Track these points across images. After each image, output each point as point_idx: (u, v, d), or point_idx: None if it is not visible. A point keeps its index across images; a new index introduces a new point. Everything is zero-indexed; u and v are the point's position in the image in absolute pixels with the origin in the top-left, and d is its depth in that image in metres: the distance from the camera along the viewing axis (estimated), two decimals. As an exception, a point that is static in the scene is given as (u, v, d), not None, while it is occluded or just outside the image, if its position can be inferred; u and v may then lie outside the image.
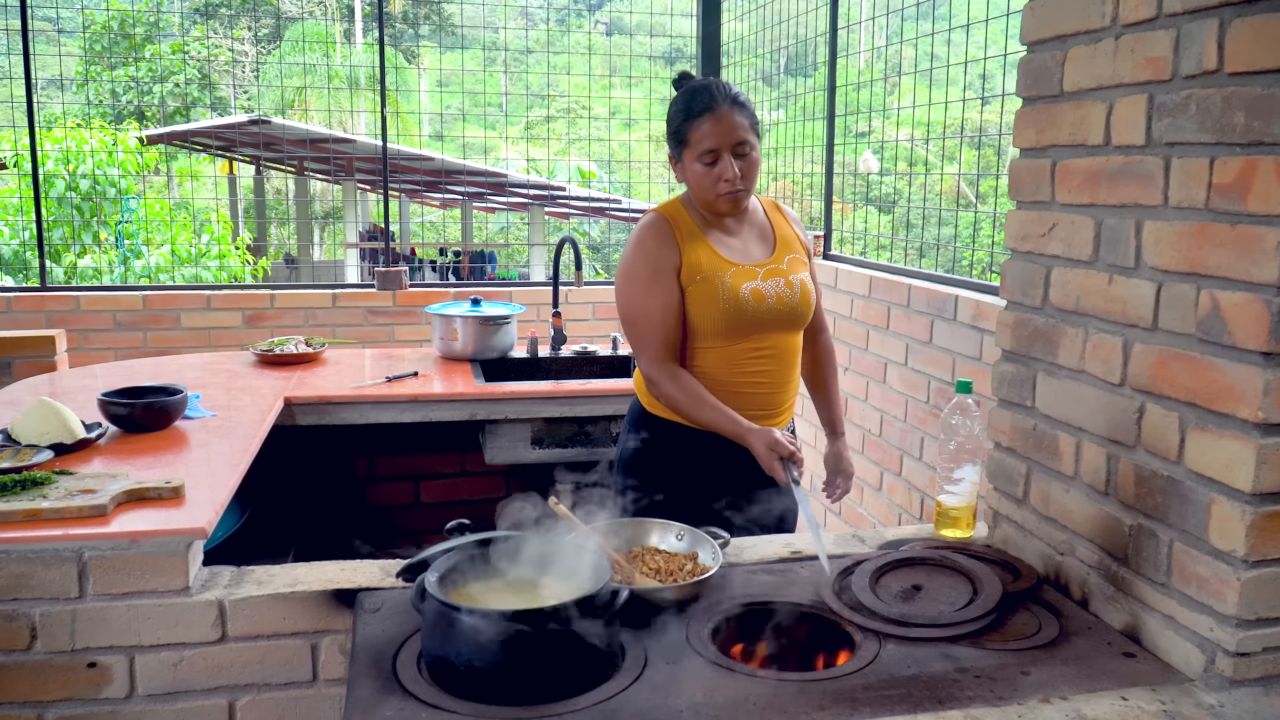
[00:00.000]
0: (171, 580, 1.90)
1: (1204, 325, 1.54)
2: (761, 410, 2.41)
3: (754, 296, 2.36)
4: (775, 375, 2.44)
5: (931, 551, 1.97)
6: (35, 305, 4.90)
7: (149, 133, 10.01)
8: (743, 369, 2.39)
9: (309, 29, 19.68)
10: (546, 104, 17.45)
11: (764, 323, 2.38)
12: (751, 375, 2.40)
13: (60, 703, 1.90)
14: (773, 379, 2.43)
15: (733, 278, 2.36)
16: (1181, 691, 1.54)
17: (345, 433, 3.59)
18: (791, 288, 2.42)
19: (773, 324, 2.40)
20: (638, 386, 2.54)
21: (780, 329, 2.42)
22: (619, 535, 2.03)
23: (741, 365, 2.39)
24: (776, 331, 2.42)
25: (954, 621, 1.71)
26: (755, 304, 2.36)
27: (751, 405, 2.39)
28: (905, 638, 1.68)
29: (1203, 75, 1.53)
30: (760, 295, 2.37)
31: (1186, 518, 1.58)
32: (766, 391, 2.43)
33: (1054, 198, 1.89)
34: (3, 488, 2.00)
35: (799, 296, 2.44)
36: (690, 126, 2.32)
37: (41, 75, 12.50)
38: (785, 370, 2.47)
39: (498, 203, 15.00)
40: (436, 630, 1.53)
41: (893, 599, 1.80)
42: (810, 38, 5.09)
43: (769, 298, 2.38)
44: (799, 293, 2.44)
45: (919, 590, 1.83)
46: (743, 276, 2.37)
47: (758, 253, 2.45)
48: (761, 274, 2.40)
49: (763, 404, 2.42)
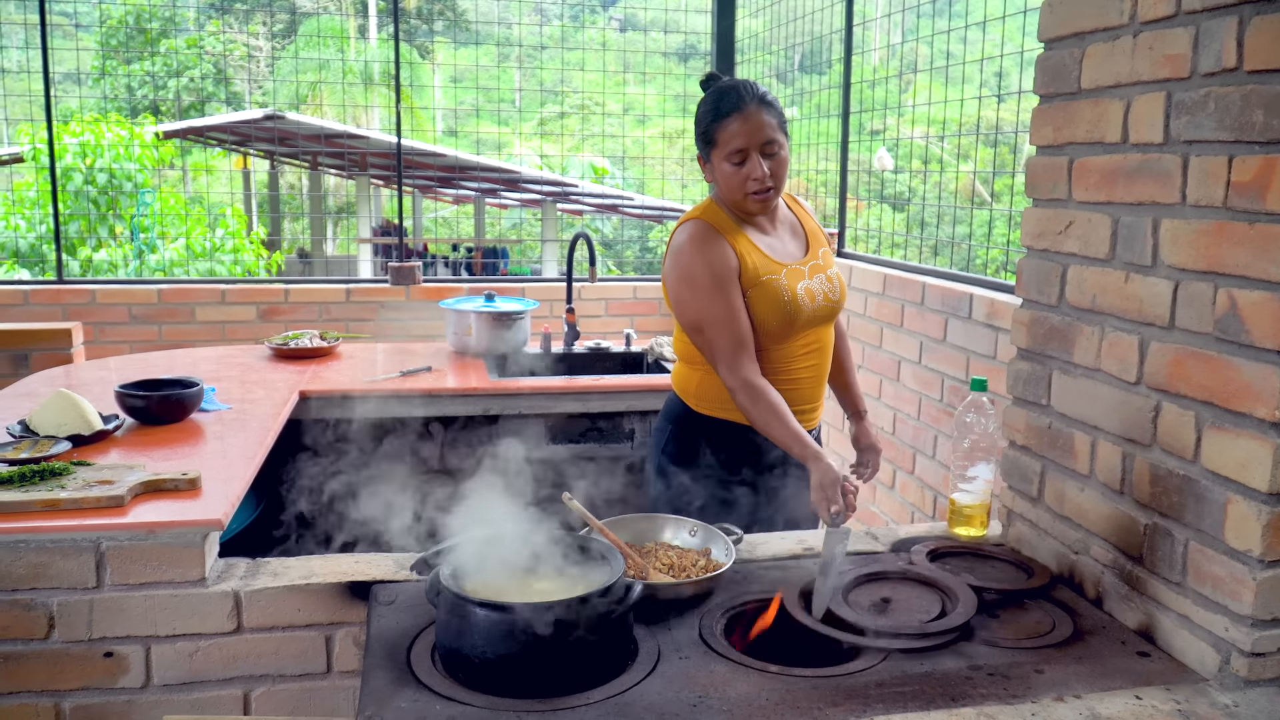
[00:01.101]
0: (188, 571, 1.91)
1: (1221, 324, 1.54)
2: (804, 404, 2.42)
3: (808, 295, 2.37)
4: (819, 369, 2.46)
5: (903, 565, 1.94)
6: (52, 298, 4.92)
7: (165, 127, 10.05)
8: (793, 365, 2.40)
9: (324, 24, 19.71)
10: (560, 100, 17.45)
11: (814, 320, 2.40)
12: (800, 371, 2.41)
13: (77, 691, 1.92)
14: (816, 372, 2.46)
15: (787, 278, 2.35)
16: (1196, 691, 1.53)
17: (359, 426, 3.60)
18: (832, 282, 2.45)
19: (820, 320, 2.42)
20: (677, 384, 2.54)
21: (824, 323, 2.44)
22: (632, 530, 2.04)
23: (793, 363, 2.39)
24: (821, 326, 2.44)
25: (922, 633, 1.67)
26: (810, 303, 2.37)
27: (796, 400, 2.38)
28: (871, 648, 1.64)
29: (1222, 73, 1.52)
30: (812, 294, 2.38)
31: (1202, 517, 1.58)
32: (810, 386, 2.44)
33: (1071, 195, 1.89)
34: (22, 478, 2.01)
35: (839, 291, 2.47)
36: (718, 126, 2.32)
37: (58, 69, 12.57)
38: (826, 363, 2.50)
39: (510, 199, 15.03)
40: (451, 623, 1.53)
41: (864, 611, 1.77)
42: (825, 35, 5.08)
43: (818, 296, 2.39)
44: (839, 287, 2.47)
45: (888, 603, 1.81)
46: (795, 276, 2.37)
47: (796, 250, 2.46)
48: (808, 271, 2.41)
49: (806, 398, 2.43)
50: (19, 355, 4.01)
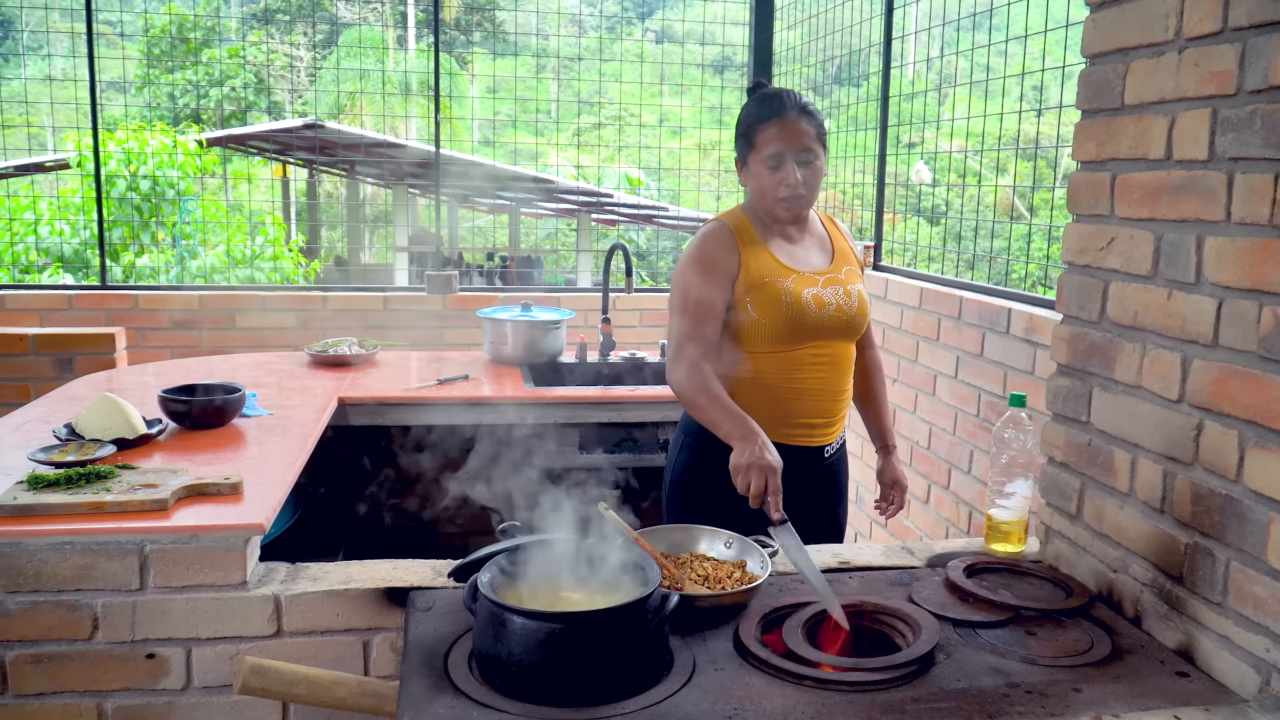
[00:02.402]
0: (229, 574, 1.93)
1: (1266, 342, 1.53)
2: (817, 418, 2.43)
3: (815, 302, 2.38)
4: (831, 382, 2.45)
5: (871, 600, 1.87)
6: (95, 303, 5.00)
7: (207, 135, 10.18)
8: (800, 374, 2.40)
9: (364, 34, 19.91)
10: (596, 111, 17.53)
11: (823, 329, 2.40)
12: (808, 381, 2.41)
13: (119, 692, 1.95)
14: (828, 385, 2.45)
15: (794, 283, 2.38)
16: (1235, 712, 1.52)
17: (396, 434, 3.63)
18: (850, 296, 2.45)
19: (831, 331, 2.42)
20: None
21: (837, 336, 2.44)
22: (668, 541, 2.04)
23: (799, 371, 2.40)
24: (834, 339, 2.43)
25: (878, 668, 1.61)
26: (816, 309, 2.38)
27: (807, 412, 2.41)
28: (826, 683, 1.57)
29: (1268, 90, 1.51)
30: (821, 301, 2.39)
31: (1244, 537, 1.57)
32: (817, 399, 2.44)
33: (1113, 211, 1.88)
34: (68, 480, 2.05)
35: (857, 305, 2.46)
36: (758, 129, 2.37)
37: (103, 78, 12.76)
38: (840, 378, 2.48)
39: (546, 209, 15.08)
40: (488, 630, 1.55)
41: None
42: (862, 48, 5.08)
43: (829, 305, 2.40)
44: (857, 302, 2.46)
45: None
46: (804, 283, 2.39)
47: (818, 261, 2.48)
48: (822, 281, 2.42)
49: (818, 411, 2.44)
50: (64, 359, 4.08)
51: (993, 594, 1.88)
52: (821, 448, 2.48)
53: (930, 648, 1.64)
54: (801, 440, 2.42)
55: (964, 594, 1.89)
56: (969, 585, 1.91)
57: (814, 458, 2.46)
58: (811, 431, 2.44)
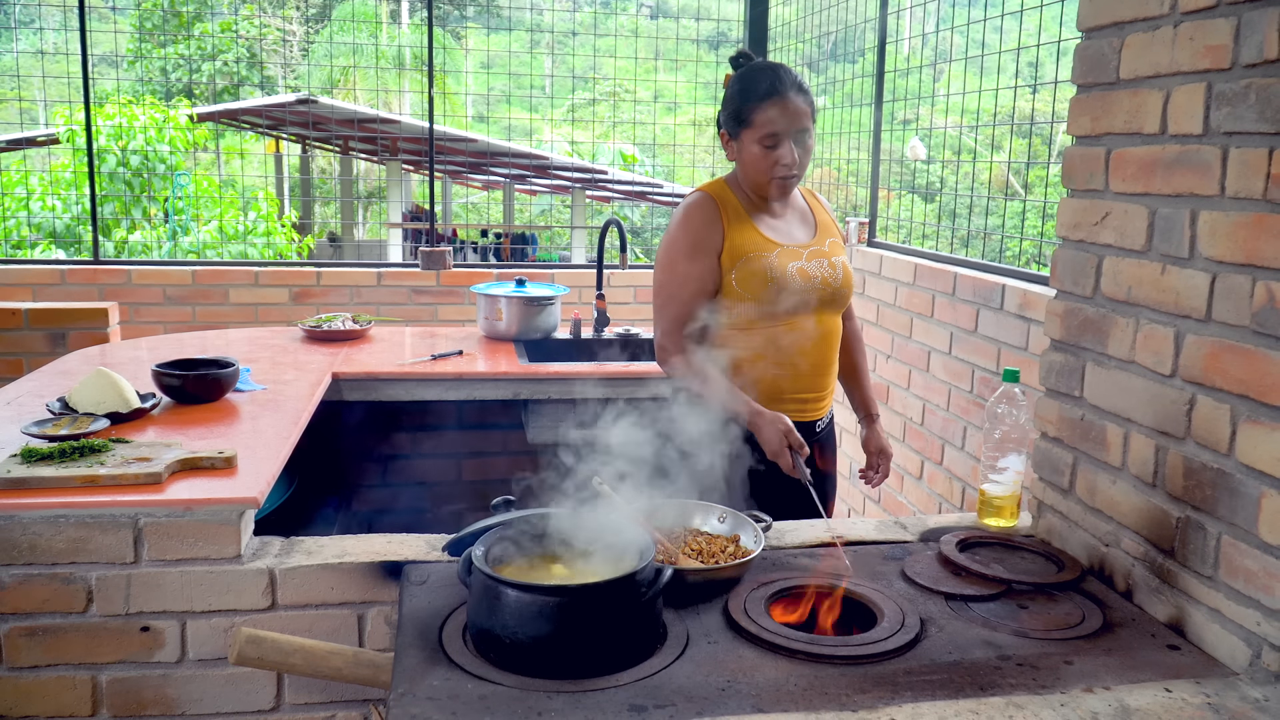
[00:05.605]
0: (224, 548, 1.94)
1: (1259, 317, 1.53)
2: (806, 392, 2.44)
3: (800, 275, 2.38)
4: (819, 356, 2.46)
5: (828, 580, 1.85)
6: (88, 278, 4.99)
7: (199, 110, 10.12)
8: (788, 349, 2.40)
9: (356, 9, 19.77)
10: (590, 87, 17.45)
11: (809, 302, 2.40)
12: (796, 356, 2.41)
13: (114, 665, 1.95)
14: (816, 359, 2.45)
15: (779, 257, 2.38)
16: (1226, 685, 1.53)
17: (390, 409, 3.64)
18: (834, 269, 2.46)
19: (817, 303, 2.42)
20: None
21: (823, 309, 2.44)
22: (661, 516, 2.05)
23: (787, 345, 2.40)
24: (820, 311, 2.44)
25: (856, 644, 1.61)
26: (802, 283, 2.38)
27: (796, 387, 2.41)
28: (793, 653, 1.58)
29: (1263, 64, 1.51)
30: (806, 274, 2.39)
31: (1236, 511, 1.57)
32: (810, 375, 2.44)
33: (1108, 186, 1.88)
34: (61, 454, 2.05)
35: (842, 277, 2.47)
36: (755, 109, 2.35)
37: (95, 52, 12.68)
38: (828, 351, 2.48)
39: (540, 185, 15.04)
40: (483, 604, 1.55)
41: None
42: (858, 24, 5.05)
43: (814, 277, 2.41)
44: (841, 273, 2.47)
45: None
46: (788, 256, 2.39)
47: (801, 235, 2.48)
48: (806, 254, 2.43)
49: (807, 385, 2.44)
50: (56, 334, 4.07)
51: (985, 568, 1.89)
52: (813, 423, 2.48)
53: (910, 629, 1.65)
54: (794, 416, 2.42)
55: (957, 568, 1.90)
56: (962, 559, 1.92)
57: (805, 433, 2.46)
58: (804, 406, 2.45)
